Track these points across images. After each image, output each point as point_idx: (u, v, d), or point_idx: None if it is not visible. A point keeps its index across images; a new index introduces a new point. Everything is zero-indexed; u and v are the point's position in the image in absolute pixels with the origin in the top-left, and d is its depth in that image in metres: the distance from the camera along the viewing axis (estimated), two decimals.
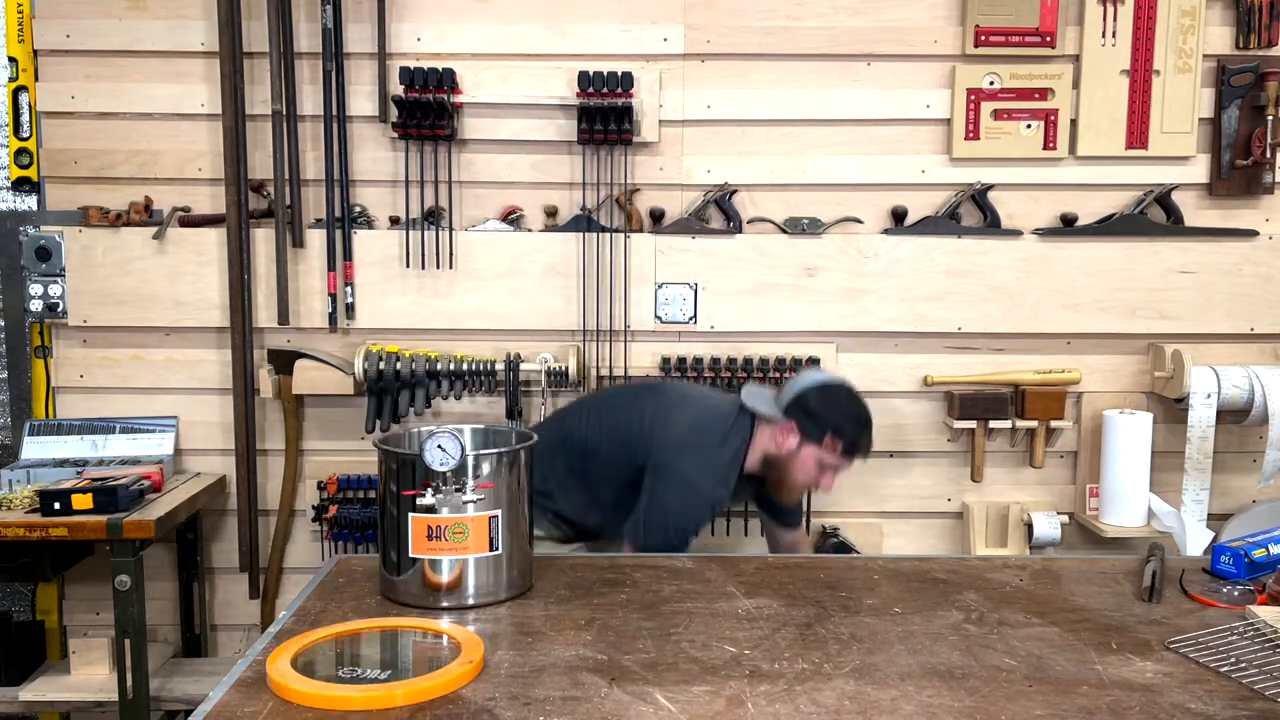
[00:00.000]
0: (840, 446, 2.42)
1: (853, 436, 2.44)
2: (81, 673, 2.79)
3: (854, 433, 2.44)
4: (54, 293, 2.90)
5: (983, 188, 2.92)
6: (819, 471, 2.45)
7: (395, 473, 1.94)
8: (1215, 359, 2.90)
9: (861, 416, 2.47)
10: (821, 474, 2.45)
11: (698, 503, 2.44)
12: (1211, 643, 1.73)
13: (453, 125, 2.86)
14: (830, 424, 2.42)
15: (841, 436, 2.42)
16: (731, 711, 1.50)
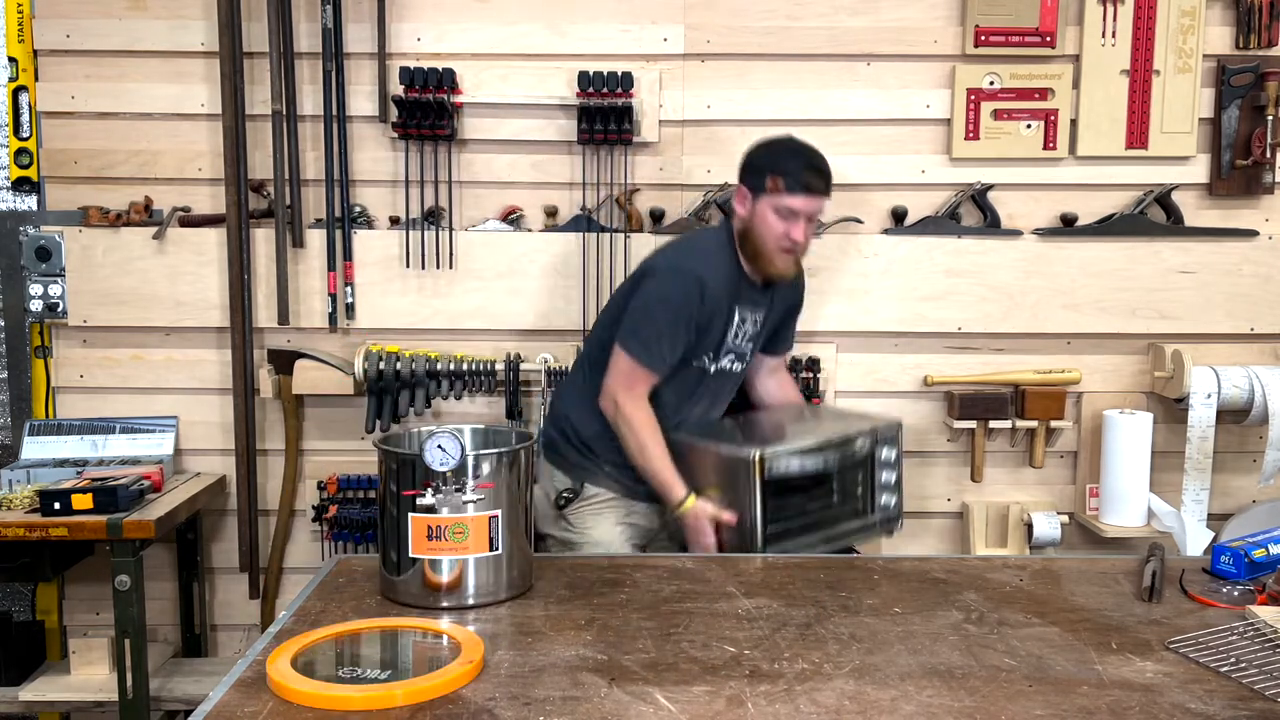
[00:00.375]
0: (783, 183, 2.36)
1: (791, 168, 2.37)
2: (81, 673, 2.80)
3: (791, 164, 2.38)
4: (54, 293, 2.90)
5: (983, 188, 2.92)
6: (780, 222, 2.37)
7: (395, 473, 1.94)
8: (1215, 359, 2.90)
9: (795, 148, 2.42)
10: (783, 223, 2.37)
11: (683, 280, 2.38)
12: (1211, 643, 1.73)
13: (453, 125, 2.86)
14: (766, 166, 2.38)
15: (781, 173, 2.36)
16: (731, 711, 1.50)
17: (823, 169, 2.39)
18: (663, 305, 2.38)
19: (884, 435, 2.50)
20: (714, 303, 2.40)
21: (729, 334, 2.47)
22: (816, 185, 2.37)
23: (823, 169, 2.39)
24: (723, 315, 2.44)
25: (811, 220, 2.40)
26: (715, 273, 2.40)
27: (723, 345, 2.47)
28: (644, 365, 2.38)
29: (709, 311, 2.40)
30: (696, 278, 2.37)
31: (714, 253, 2.44)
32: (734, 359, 2.52)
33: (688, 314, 2.38)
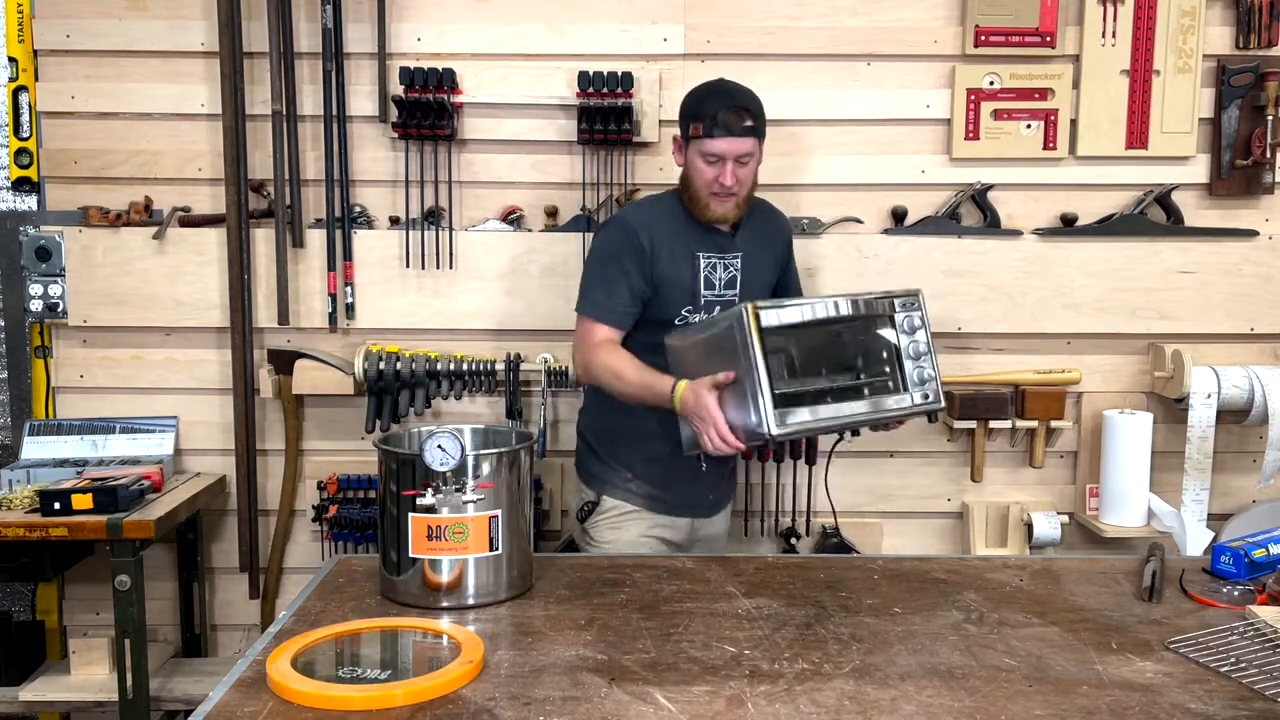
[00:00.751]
0: (702, 128, 2.31)
1: (709, 110, 2.31)
2: (81, 673, 2.80)
3: (709, 107, 2.32)
4: (54, 293, 2.90)
5: (983, 188, 2.92)
6: (708, 167, 2.33)
7: (395, 473, 1.94)
8: (1215, 359, 2.90)
9: (716, 90, 2.37)
10: (711, 169, 2.33)
11: (609, 228, 2.44)
12: (1211, 643, 1.73)
13: (453, 125, 2.86)
14: (690, 113, 2.36)
15: (700, 118, 2.32)
16: (731, 711, 1.50)
17: (747, 106, 2.33)
18: (594, 256, 2.44)
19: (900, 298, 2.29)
20: (657, 245, 2.37)
21: (699, 281, 2.42)
22: (736, 126, 2.30)
23: (747, 106, 2.33)
24: (683, 261, 2.40)
25: (743, 162, 2.33)
26: (650, 217, 2.41)
27: (697, 294, 2.42)
28: (589, 317, 2.39)
29: (654, 254, 2.37)
30: (622, 222, 2.41)
31: (654, 203, 2.48)
32: (720, 310, 2.42)
33: (617, 256, 2.37)
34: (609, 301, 2.38)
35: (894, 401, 2.26)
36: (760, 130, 2.35)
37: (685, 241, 2.42)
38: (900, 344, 2.26)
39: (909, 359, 2.27)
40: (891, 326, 2.26)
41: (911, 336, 2.28)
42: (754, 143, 2.34)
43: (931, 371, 2.30)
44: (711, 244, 2.45)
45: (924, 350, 2.29)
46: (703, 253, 2.43)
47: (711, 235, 2.44)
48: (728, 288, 2.46)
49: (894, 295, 2.28)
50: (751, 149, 2.34)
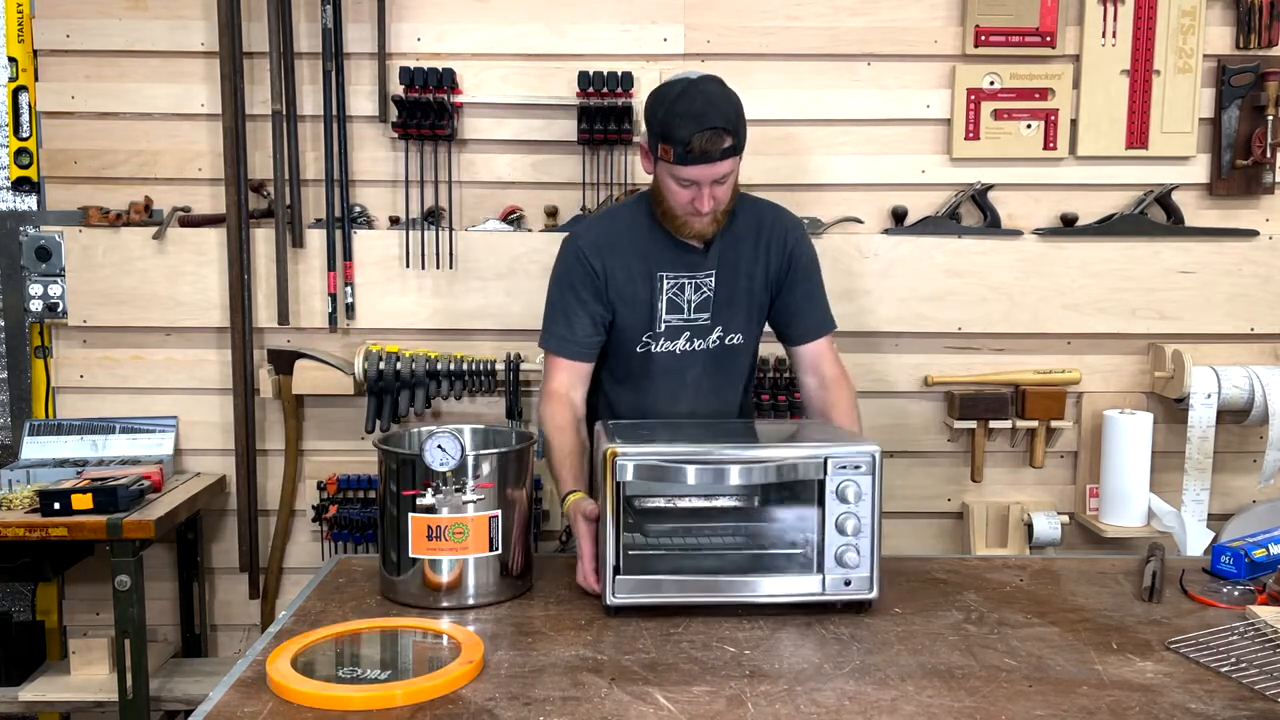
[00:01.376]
0: (673, 153, 2.00)
1: (681, 134, 1.98)
2: (81, 673, 2.79)
3: (681, 129, 1.98)
4: (54, 293, 2.90)
5: (983, 188, 2.92)
6: (682, 190, 2.06)
7: (395, 473, 1.94)
8: (1215, 359, 2.90)
9: (687, 108, 1.99)
10: (684, 192, 2.06)
11: (563, 251, 2.22)
12: (1212, 643, 1.73)
13: (453, 125, 2.86)
14: (658, 131, 2.03)
15: (669, 140, 2.00)
16: (731, 711, 1.50)
17: (724, 126, 1.99)
18: (552, 282, 2.24)
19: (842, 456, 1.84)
20: (610, 267, 2.17)
21: (660, 305, 2.19)
22: (713, 151, 1.99)
23: (724, 126, 1.99)
24: (641, 282, 2.18)
25: (721, 182, 2.05)
26: (607, 235, 2.20)
27: (656, 318, 2.20)
28: (549, 351, 2.23)
29: (607, 278, 2.18)
30: (574, 247, 2.20)
31: (614, 216, 2.26)
32: (690, 336, 2.22)
33: (572, 285, 2.18)
34: (570, 334, 2.20)
35: (793, 585, 1.85)
36: (740, 145, 2.05)
37: (647, 259, 2.19)
38: (826, 512, 1.84)
39: (835, 533, 1.84)
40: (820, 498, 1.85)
41: (846, 506, 1.85)
42: (733, 162, 2.05)
43: (864, 553, 1.85)
44: (679, 261, 2.19)
45: (862, 527, 1.85)
46: (667, 272, 2.19)
47: (679, 251, 2.19)
48: (699, 310, 2.22)
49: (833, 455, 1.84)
50: (731, 169, 2.06)
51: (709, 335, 2.25)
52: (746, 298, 2.25)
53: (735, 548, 1.99)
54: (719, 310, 2.23)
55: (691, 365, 2.26)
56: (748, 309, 2.26)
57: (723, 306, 2.23)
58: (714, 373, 2.28)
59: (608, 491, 1.82)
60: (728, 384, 2.31)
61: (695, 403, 2.27)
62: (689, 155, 2.00)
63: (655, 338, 2.23)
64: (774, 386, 2.84)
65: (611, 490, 1.81)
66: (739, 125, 2.04)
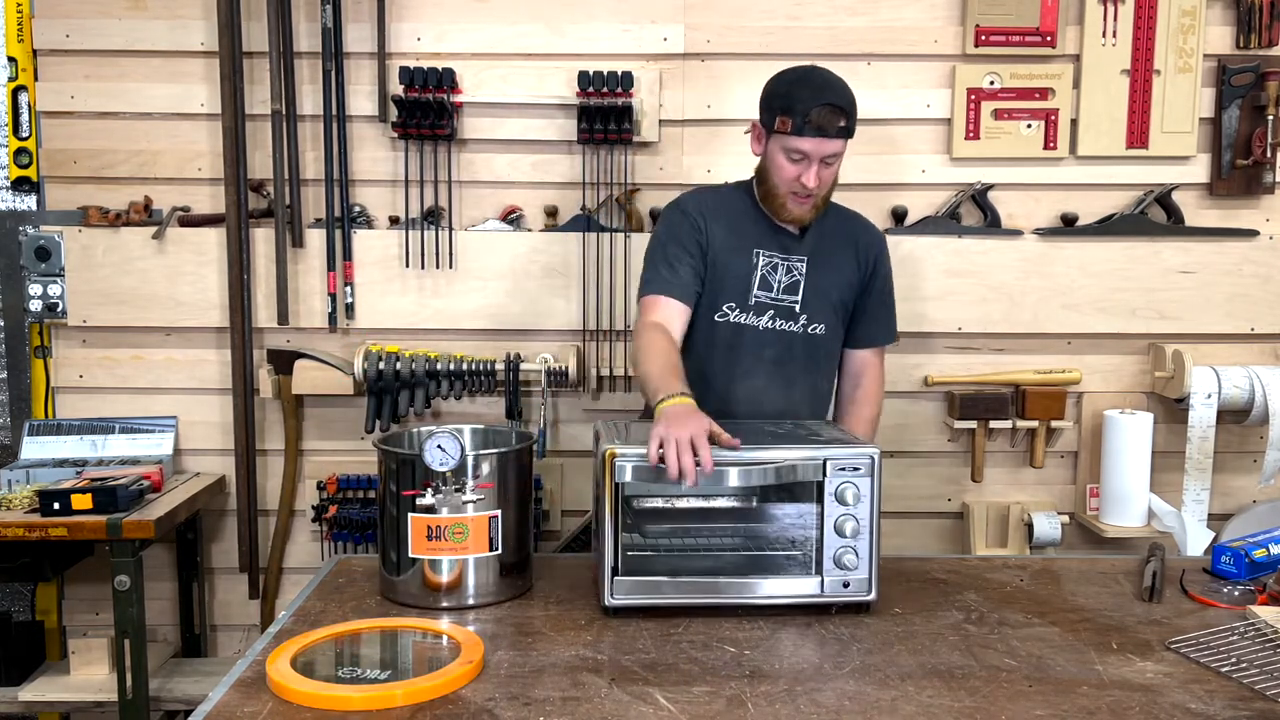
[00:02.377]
0: (791, 123, 2.11)
1: (800, 106, 2.10)
2: (81, 673, 2.79)
3: (801, 101, 2.10)
4: (53, 293, 2.90)
5: (983, 187, 2.92)
6: (790, 165, 2.14)
7: (395, 473, 1.94)
8: (1215, 359, 2.90)
9: (811, 81, 2.15)
10: (794, 167, 2.14)
11: (668, 211, 2.31)
12: (1212, 643, 1.73)
13: (453, 125, 2.86)
14: (777, 103, 2.15)
15: (790, 112, 2.11)
16: (731, 711, 1.50)
17: (840, 105, 2.11)
18: (653, 242, 2.30)
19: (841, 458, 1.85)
20: (713, 230, 2.24)
21: (754, 278, 2.25)
22: (829, 126, 2.10)
23: (840, 105, 2.11)
24: (740, 253, 2.25)
25: (829, 163, 2.15)
26: (711, 202, 2.29)
27: (749, 291, 2.25)
28: (651, 292, 2.23)
29: (709, 238, 2.24)
30: (679, 206, 2.30)
31: (717, 191, 2.37)
32: (774, 315, 2.26)
33: (676, 236, 2.25)
34: (673, 276, 2.22)
35: (792, 587, 1.86)
36: (853, 130, 2.17)
37: (747, 234, 2.26)
38: (825, 514, 1.85)
39: (834, 534, 1.85)
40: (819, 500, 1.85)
41: (846, 508, 1.86)
42: (843, 144, 2.16)
43: (863, 556, 1.85)
44: (774, 241, 2.27)
45: (861, 529, 1.86)
46: (763, 250, 2.27)
47: (775, 233, 2.27)
48: (787, 292, 2.28)
49: (832, 457, 1.85)
50: (839, 150, 2.16)
51: (795, 320, 2.28)
52: (836, 293, 2.32)
53: (734, 549, 2.00)
54: (807, 297, 2.28)
55: (771, 345, 2.28)
56: (834, 305, 2.32)
57: (811, 295, 2.28)
58: (791, 359, 2.30)
59: (606, 492, 1.82)
60: (802, 374, 2.31)
61: (766, 384, 2.27)
62: (806, 126, 2.09)
63: (745, 310, 2.26)
64: None
65: (610, 491, 1.82)
66: (854, 111, 2.15)
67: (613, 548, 1.83)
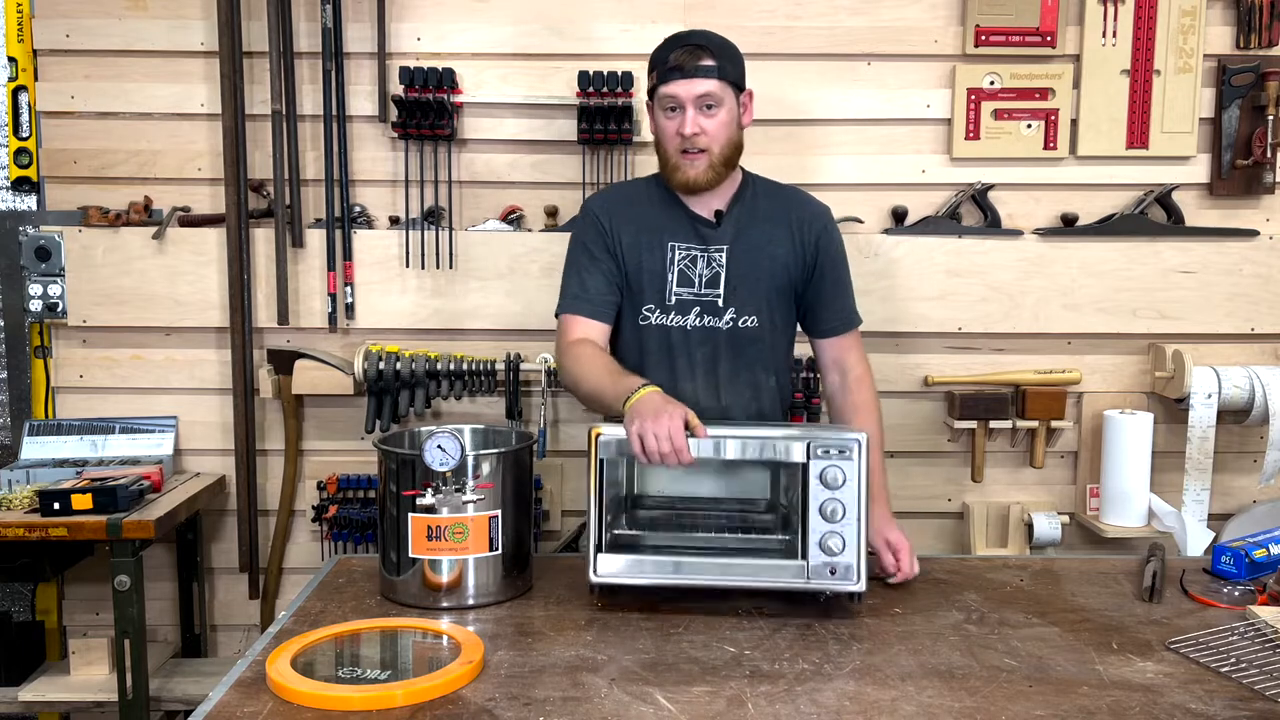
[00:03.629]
0: (657, 75, 2.08)
1: (660, 56, 2.09)
2: (81, 673, 2.79)
3: (660, 52, 2.10)
4: (53, 293, 2.90)
5: (983, 187, 2.92)
6: (669, 121, 2.08)
7: (395, 473, 1.94)
8: (1216, 359, 2.90)
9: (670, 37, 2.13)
10: (671, 121, 2.08)
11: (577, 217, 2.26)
12: (1212, 643, 1.73)
13: (453, 125, 2.86)
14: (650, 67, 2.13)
15: (654, 66, 2.10)
16: (731, 711, 1.50)
17: (703, 44, 2.06)
18: (568, 248, 2.23)
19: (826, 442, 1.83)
20: (619, 227, 2.15)
21: (670, 274, 2.13)
22: (690, 65, 2.03)
23: (703, 44, 2.06)
24: (652, 248, 2.14)
25: (707, 107, 2.05)
26: (616, 197, 2.23)
27: (666, 290, 2.14)
28: (566, 313, 2.16)
29: (617, 236, 2.15)
30: (584, 209, 2.24)
31: (626, 184, 2.34)
32: (700, 312, 2.15)
33: (581, 241, 2.18)
34: (584, 292, 2.14)
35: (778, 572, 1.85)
36: (726, 71, 2.07)
37: (657, 226, 2.15)
38: (809, 497, 1.83)
39: (818, 518, 1.82)
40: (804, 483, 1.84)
41: (831, 492, 1.82)
42: (718, 85, 2.05)
43: (850, 541, 1.81)
44: (689, 232, 2.15)
45: (844, 513, 1.81)
46: (678, 242, 2.14)
47: (691, 221, 2.15)
48: (709, 285, 2.14)
49: (816, 438, 1.83)
50: (714, 90, 2.04)
51: (720, 315, 2.16)
52: (768, 280, 2.17)
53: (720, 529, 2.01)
54: (732, 289, 2.15)
55: (700, 344, 2.16)
56: (766, 294, 2.17)
57: (737, 285, 2.15)
58: (725, 358, 2.18)
59: (591, 469, 1.85)
60: (740, 371, 2.18)
61: (701, 385, 2.17)
62: (668, 71, 2.05)
63: (666, 310, 2.15)
64: None
65: (594, 468, 1.84)
66: (725, 51, 2.08)
67: (598, 525, 1.86)
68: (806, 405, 2.85)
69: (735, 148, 2.12)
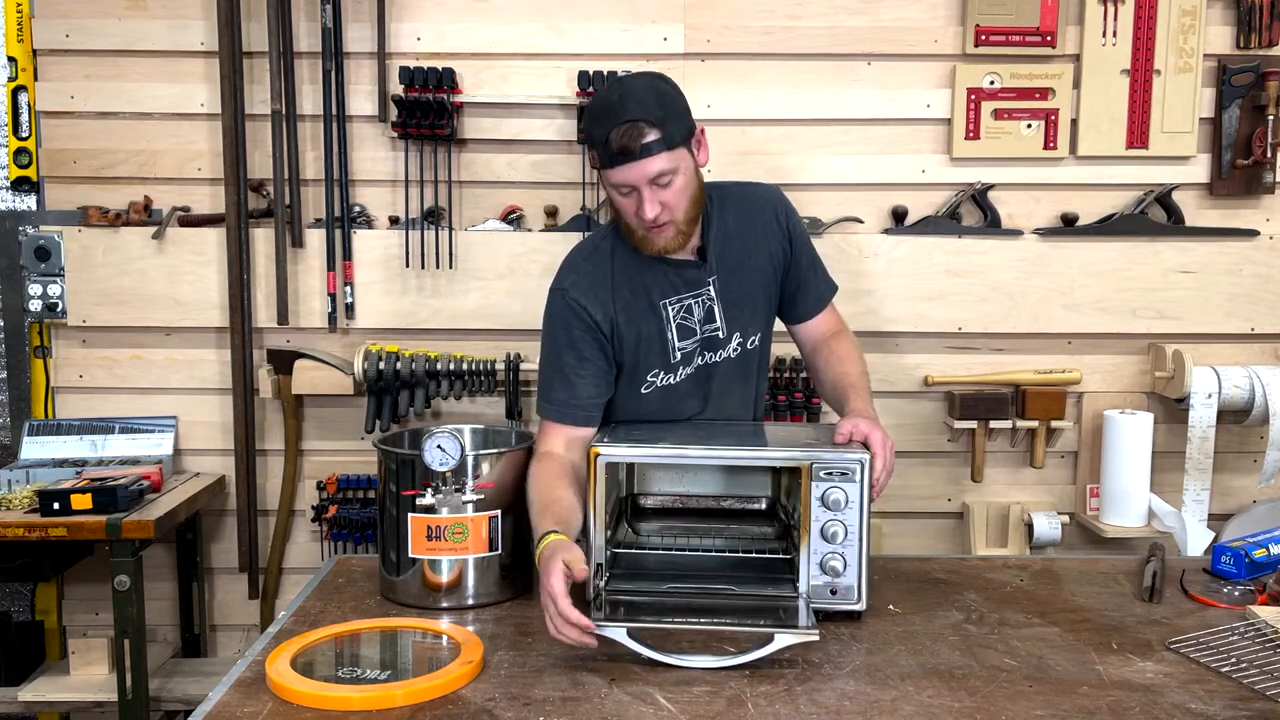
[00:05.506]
0: (598, 158, 1.85)
1: (596, 134, 1.83)
2: (81, 673, 2.79)
3: (595, 130, 1.84)
4: (53, 293, 2.90)
5: (983, 187, 2.92)
6: (624, 199, 1.87)
7: (395, 473, 1.94)
8: (1216, 359, 2.90)
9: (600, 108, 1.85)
10: (628, 200, 1.87)
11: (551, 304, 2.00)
12: (1212, 643, 1.73)
13: (453, 125, 2.86)
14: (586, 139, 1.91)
15: (593, 145, 1.86)
16: (731, 711, 1.50)
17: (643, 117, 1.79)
18: (546, 344, 2.02)
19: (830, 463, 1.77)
20: (613, 311, 1.98)
21: (670, 334, 2.00)
22: (634, 146, 1.79)
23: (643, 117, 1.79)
24: (646, 316, 2.00)
25: (662, 183, 1.84)
26: (594, 278, 1.99)
27: (670, 351, 2.01)
28: (549, 419, 1.99)
29: (613, 326, 1.98)
30: (566, 301, 1.98)
31: (597, 252, 2.02)
32: (701, 350, 2.04)
33: (567, 339, 1.97)
34: (572, 398, 1.97)
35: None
36: (673, 137, 1.83)
37: (643, 289, 1.99)
38: (811, 519, 1.78)
39: (820, 540, 1.78)
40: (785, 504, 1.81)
41: (832, 513, 1.77)
42: (668, 157, 1.82)
43: (851, 562, 1.78)
44: (678, 282, 2.01)
45: (849, 535, 1.77)
46: (668, 298, 2.00)
47: (676, 271, 2.00)
48: (707, 322, 2.03)
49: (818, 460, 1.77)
50: (666, 166, 1.83)
51: (726, 346, 2.06)
52: (762, 292, 2.08)
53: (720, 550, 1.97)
54: (731, 316, 2.04)
55: (706, 381, 2.07)
56: (764, 304, 2.09)
57: (734, 311, 2.04)
58: (731, 383, 2.10)
59: (592, 492, 1.80)
60: (738, 387, 2.11)
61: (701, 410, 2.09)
62: (610, 156, 1.82)
63: (671, 369, 2.03)
64: (774, 386, 2.84)
65: (594, 491, 1.79)
66: (667, 116, 1.82)
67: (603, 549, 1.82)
68: (806, 405, 2.85)
69: (698, 201, 1.94)
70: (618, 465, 1.82)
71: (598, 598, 1.78)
